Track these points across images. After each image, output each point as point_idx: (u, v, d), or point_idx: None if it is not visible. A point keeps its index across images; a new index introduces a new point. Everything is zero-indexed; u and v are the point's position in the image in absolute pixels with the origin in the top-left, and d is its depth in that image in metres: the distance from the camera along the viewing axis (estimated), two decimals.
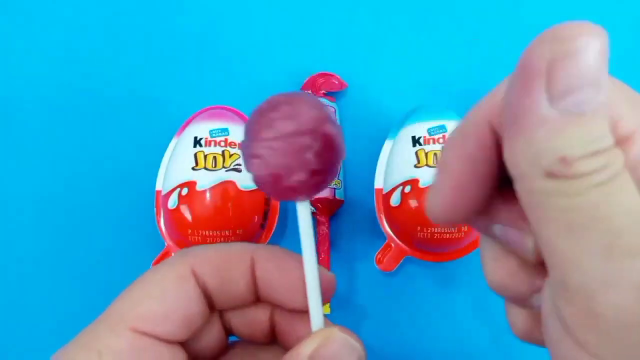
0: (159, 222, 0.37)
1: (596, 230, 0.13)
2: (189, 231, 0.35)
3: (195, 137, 0.37)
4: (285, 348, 0.23)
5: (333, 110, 0.40)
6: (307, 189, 0.18)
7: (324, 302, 0.20)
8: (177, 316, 0.20)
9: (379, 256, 0.37)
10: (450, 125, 0.37)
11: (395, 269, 0.37)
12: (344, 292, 0.39)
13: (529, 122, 0.13)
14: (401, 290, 0.39)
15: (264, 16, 0.44)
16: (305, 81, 0.41)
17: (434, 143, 0.36)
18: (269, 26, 0.44)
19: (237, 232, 0.35)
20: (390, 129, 0.39)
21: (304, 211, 0.19)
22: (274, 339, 0.23)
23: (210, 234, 0.35)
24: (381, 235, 0.38)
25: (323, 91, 0.40)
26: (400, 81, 0.43)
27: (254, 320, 0.22)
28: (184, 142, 0.37)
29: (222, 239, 0.35)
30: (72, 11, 0.45)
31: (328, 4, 0.45)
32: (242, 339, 0.24)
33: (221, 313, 0.23)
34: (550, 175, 0.13)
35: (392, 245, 0.37)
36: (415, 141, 0.37)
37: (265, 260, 0.21)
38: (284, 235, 0.40)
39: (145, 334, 0.19)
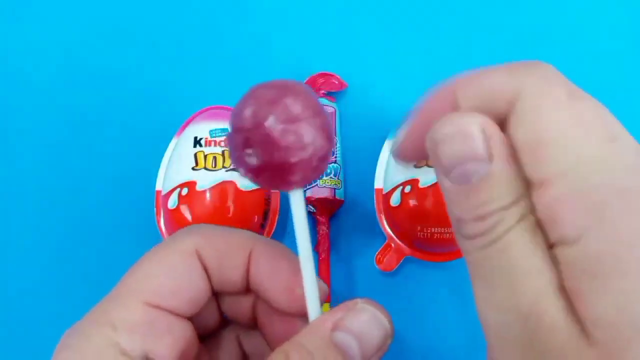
0: (159, 222, 0.37)
1: (476, 285, 0.16)
2: None
3: (195, 137, 0.37)
4: (265, 337, 0.22)
5: (333, 109, 0.40)
6: (306, 176, 0.18)
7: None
8: (185, 292, 0.20)
9: (379, 256, 0.37)
10: None
11: (395, 269, 0.37)
12: (344, 292, 0.39)
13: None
14: (401, 290, 0.39)
15: (264, 16, 0.44)
16: (305, 81, 0.41)
17: None
18: (269, 26, 0.44)
19: None
20: (390, 129, 0.39)
21: (298, 200, 0.19)
22: (256, 325, 0.23)
23: None
24: (381, 235, 0.38)
25: (323, 91, 0.40)
26: (400, 81, 0.43)
27: (238, 305, 0.22)
28: (184, 142, 0.37)
29: None
30: (72, 12, 0.45)
31: (328, 4, 0.45)
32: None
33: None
34: (460, 234, 0.16)
35: (392, 245, 0.37)
36: None
37: (262, 256, 0.21)
38: (283, 235, 0.40)
39: (157, 307, 0.19)
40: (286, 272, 0.20)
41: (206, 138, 0.37)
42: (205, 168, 0.36)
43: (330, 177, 0.38)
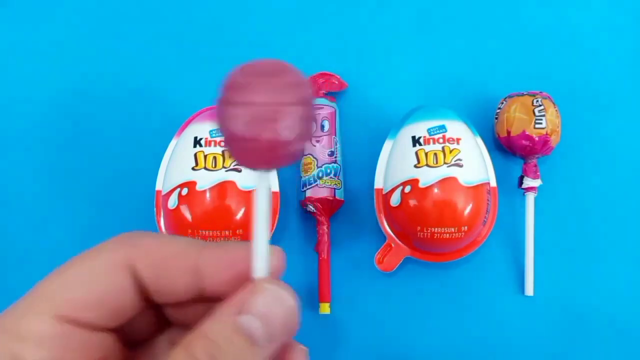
0: (159, 222, 0.37)
1: None
2: (189, 231, 0.35)
3: (195, 137, 0.37)
4: None
5: (333, 109, 0.40)
6: (287, 155, 0.17)
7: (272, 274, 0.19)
8: (106, 305, 0.18)
9: (379, 256, 0.37)
10: (450, 125, 0.37)
11: (395, 269, 0.37)
12: (344, 293, 0.39)
13: None
14: (401, 290, 0.39)
15: (264, 16, 0.44)
16: None
17: (434, 143, 0.36)
18: (269, 26, 0.44)
19: (237, 232, 0.35)
20: (390, 129, 0.39)
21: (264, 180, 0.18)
22: None
23: (210, 234, 0.35)
24: (381, 235, 0.38)
25: (323, 91, 0.40)
26: (400, 81, 0.43)
27: (189, 312, 0.21)
28: (184, 142, 0.37)
29: (222, 239, 0.35)
30: (73, 12, 0.45)
31: (328, 4, 0.45)
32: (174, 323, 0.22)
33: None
34: None
35: (392, 245, 0.37)
36: (415, 141, 0.37)
37: (214, 265, 0.19)
38: (283, 235, 0.40)
39: (71, 320, 0.18)
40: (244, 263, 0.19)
41: (206, 138, 0.37)
42: (205, 168, 0.36)
43: (330, 177, 0.38)
